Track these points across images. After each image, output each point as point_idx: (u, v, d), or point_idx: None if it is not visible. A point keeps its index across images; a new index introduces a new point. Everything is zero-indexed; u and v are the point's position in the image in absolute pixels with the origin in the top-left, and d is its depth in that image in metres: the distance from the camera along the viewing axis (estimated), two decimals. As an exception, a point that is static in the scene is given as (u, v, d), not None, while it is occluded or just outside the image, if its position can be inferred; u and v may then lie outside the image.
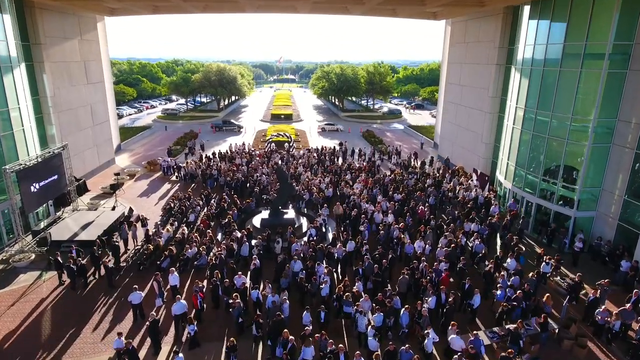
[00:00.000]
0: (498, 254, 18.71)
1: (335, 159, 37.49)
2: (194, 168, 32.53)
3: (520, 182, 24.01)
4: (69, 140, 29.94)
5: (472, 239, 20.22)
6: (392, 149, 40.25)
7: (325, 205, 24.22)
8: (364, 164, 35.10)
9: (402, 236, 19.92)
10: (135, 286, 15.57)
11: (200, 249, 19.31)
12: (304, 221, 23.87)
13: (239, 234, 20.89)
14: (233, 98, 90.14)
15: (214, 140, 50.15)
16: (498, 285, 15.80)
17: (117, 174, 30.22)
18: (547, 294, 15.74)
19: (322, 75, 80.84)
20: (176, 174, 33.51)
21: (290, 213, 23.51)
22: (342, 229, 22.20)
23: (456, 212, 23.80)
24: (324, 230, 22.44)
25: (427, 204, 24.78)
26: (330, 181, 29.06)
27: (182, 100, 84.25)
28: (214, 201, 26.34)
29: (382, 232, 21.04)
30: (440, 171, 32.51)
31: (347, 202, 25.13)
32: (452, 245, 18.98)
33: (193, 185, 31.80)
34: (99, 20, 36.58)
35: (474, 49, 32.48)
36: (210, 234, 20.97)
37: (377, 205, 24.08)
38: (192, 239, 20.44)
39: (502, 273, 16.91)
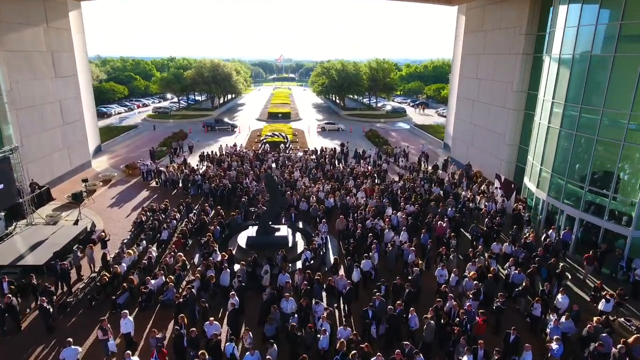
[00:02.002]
0: (544, 287, 14.70)
1: (337, 163, 33.55)
2: (174, 173, 28.59)
3: (557, 192, 20.07)
4: (32, 142, 26.24)
5: (507, 265, 16.25)
6: (399, 150, 36.23)
7: (324, 220, 20.22)
8: (369, 167, 31.19)
9: (420, 262, 15.99)
10: (69, 339, 11.66)
11: (169, 279, 15.42)
12: (299, 238, 19.99)
13: (218, 257, 17.05)
14: (229, 96, 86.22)
15: (205, 141, 46.19)
16: (555, 338, 11.83)
17: (85, 181, 26.28)
18: (636, 335, 11.86)
19: (322, 71, 76.80)
20: (156, 179, 29.58)
21: (282, 230, 19.64)
22: (344, 251, 18.22)
23: (484, 228, 19.83)
24: (323, 251, 18.59)
25: (445, 218, 20.86)
26: (331, 189, 25.14)
27: (176, 99, 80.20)
28: (194, 213, 22.48)
29: (389, 250, 17.29)
30: (456, 176, 28.52)
31: (350, 215, 21.21)
32: (489, 276, 15.01)
33: (189, 194, 27.89)
34: (72, 7, 32.67)
35: (494, 37, 28.54)
36: (183, 258, 17.04)
37: (386, 220, 20.14)
38: (161, 265, 16.60)
39: (551, 316, 13.04)
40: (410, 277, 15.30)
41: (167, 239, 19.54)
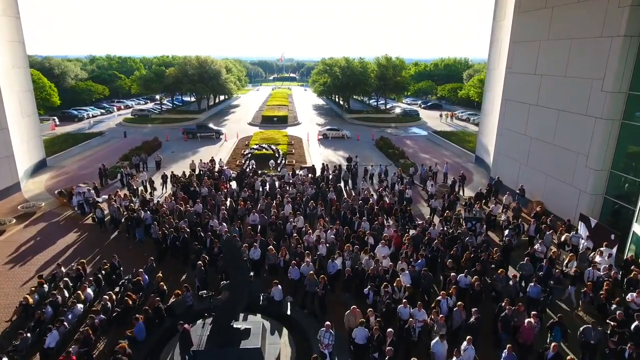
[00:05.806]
0: None
1: (343, 188, 25.16)
2: (116, 207, 20.26)
3: None
4: None
5: None
6: (425, 170, 27.34)
7: (329, 325, 11.47)
8: (385, 195, 22.65)
9: None
10: None
11: None
12: (283, 344, 11.72)
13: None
14: (221, 97, 77.96)
15: (182, 152, 37.97)
16: None
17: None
18: None
19: (323, 69, 68.27)
20: (93, 214, 21.28)
21: (254, 330, 11.37)
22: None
23: (609, 334, 11.38)
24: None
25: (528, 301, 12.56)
26: (338, 235, 16.89)
27: (165, 100, 71.73)
28: (121, 285, 14.25)
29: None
30: (511, 212, 20.13)
31: (370, 294, 12.91)
32: None
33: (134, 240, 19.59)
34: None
35: (567, 15, 20.22)
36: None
37: (434, 313, 11.80)
38: None
39: None
40: None
41: (54, 348, 11.32)
